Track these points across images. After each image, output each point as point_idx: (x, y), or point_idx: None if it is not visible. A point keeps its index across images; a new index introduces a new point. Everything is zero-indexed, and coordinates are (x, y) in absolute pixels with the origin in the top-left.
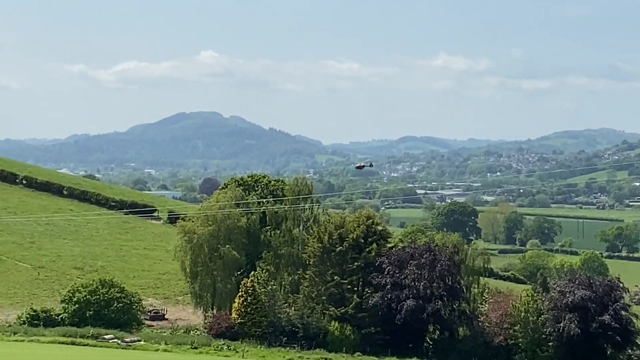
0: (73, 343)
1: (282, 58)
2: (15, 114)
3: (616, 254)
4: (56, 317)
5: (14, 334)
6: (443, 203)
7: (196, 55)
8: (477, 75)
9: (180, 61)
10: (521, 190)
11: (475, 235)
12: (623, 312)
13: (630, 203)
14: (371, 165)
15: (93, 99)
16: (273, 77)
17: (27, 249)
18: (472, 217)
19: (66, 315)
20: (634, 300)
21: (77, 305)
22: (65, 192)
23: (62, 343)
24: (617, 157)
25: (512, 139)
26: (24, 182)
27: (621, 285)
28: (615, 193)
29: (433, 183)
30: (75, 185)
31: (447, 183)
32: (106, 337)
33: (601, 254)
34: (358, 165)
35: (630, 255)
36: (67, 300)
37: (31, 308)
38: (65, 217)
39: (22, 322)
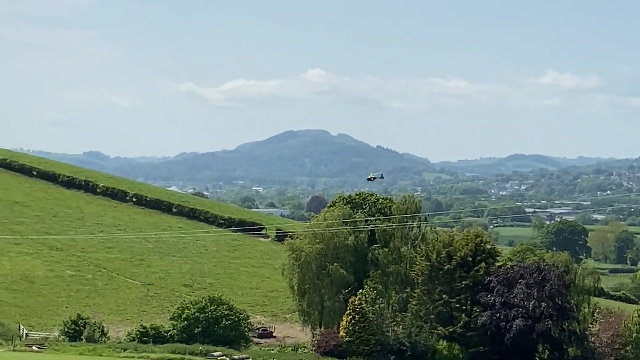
0: None
1: (388, 76)
2: (125, 132)
3: None
4: (165, 334)
5: (124, 350)
6: (552, 222)
7: (303, 74)
8: (586, 92)
9: (288, 79)
10: (632, 209)
11: (585, 255)
12: None
13: None
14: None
15: (201, 117)
16: (380, 94)
17: (137, 266)
18: (582, 236)
19: (175, 332)
20: None
21: (186, 322)
22: (174, 210)
23: None
24: None
25: (622, 157)
26: (134, 199)
27: None
28: None
29: (542, 201)
30: (184, 202)
31: (556, 201)
32: (215, 354)
33: None
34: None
35: None
36: (176, 317)
37: (141, 325)
38: (174, 235)
39: (132, 338)
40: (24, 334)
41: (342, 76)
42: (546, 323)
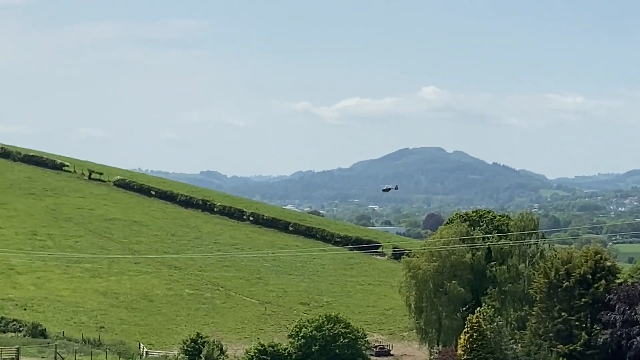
0: None
1: (504, 92)
2: (241, 152)
3: None
4: (283, 352)
5: None
6: None
7: (417, 91)
8: None
9: (402, 97)
10: None
11: None
12: None
13: None
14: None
15: (316, 136)
16: (495, 111)
17: (254, 284)
18: None
19: (293, 349)
20: None
21: (303, 340)
22: (291, 228)
23: None
24: None
25: None
26: (251, 218)
27: None
28: None
29: None
30: (301, 221)
31: None
32: None
33: None
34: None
35: None
36: (293, 335)
37: (259, 343)
38: (291, 254)
39: (250, 356)
40: (144, 353)
41: (457, 93)
42: None
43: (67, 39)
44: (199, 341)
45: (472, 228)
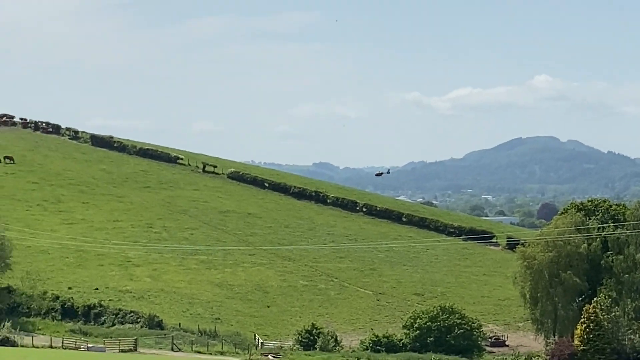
0: None
1: (620, 80)
2: (353, 143)
3: None
4: (398, 343)
5: (358, 359)
6: None
7: (530, 80)
8: None
9: (514, 86)
10: None
11: None
12: None
13: None
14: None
15: (428, 126)
16: (610, 99)
17: (368, 275)
18: None
19: (407, 340)
20: None
21: (418, 332)
22: (404, 219)
23: None
24: None
25: None
26: (364, 209)
27: None
28: None
29: None
30: (414, 212)
31: None
32: None
33: None
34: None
35: None
36: (408, 326)
37: (373, 334)
38: (404, 244)
39: (365, 347)
40: (259, 344)
41: (571, 82)
42: None
43: (181, 35)
44: (313, 332)
45: (588, 218)
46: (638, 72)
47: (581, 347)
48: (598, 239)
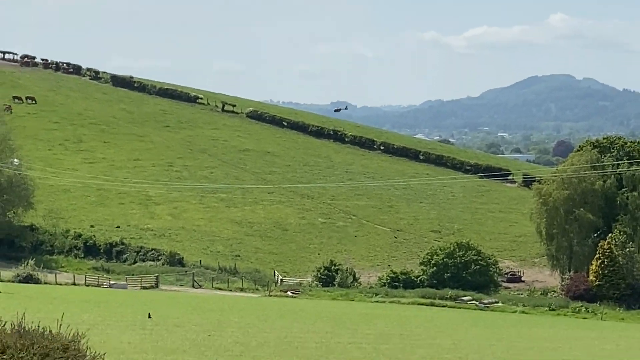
0: (432, 304)
1: (635, 17)
2: (370, 82)
3: None
4: (415, 279)
5: (375, 295)
6: None
7: (546, 19)
8: None
9: (530, 25)
10: None
11: None
12: None
13: None
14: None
15: (445, 65)
16: (626, 37)
17: (385, 212)
18: None
19: (425, 277)
20: None
21: (435, 268)
22: (421, 157)
23: (422, 304)
24: None
25: None
26: (382, 147)
27: None
28: None
29: None
30: (431, 149)
31: None
32: (464, 298)
33: None
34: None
35: None
36: (425, 263)
37: (391, 270)
38: (421, 182)
39: (382, 283)
40: (279, 280)
41: (586, 20)
42: None
43: None
44: (332, 269)
45: (603, 155)
46: None
47: (596, 283)
48: (613, 176)
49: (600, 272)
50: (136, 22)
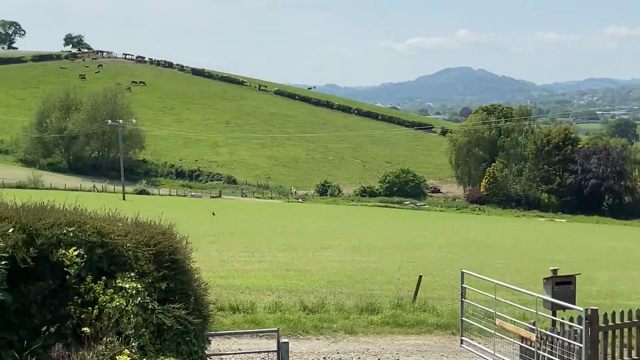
0: (386, 206)
1: (512, 32)
2: (348, 71)
3: None
4: (376, 191)
5: (352, 201)
6: (613, 119)
7: (454, 33)
8: None
9: (445, 36)
10: None
11: (635, 140)
12: None
13: None
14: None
15: (394, 61)
16: (505, 43)
17: (358, 151)
18: (633, 128)
19: (382, 190)
20: None
21: (388, 184)
22: (379, 118)
23: (380, 206)
24: None
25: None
26: (356, 112)
27: None
28: None
29: (607, 107)
30: (386, 113)
31: (616, 107)
32: (406, 203)
33: None
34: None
35: None
36: (382, 181)
37: (361, 186)
38: (380, 133)
39: (356, 194)
40: (294, 192)
41: (480, 33)
42: (610, 182)
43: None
44: (325, 185)
45: (489, 115)
46: (521, 26)
47: (485, 193)
48: (495, 128)
49: (488, 186)
50: (206, 30)
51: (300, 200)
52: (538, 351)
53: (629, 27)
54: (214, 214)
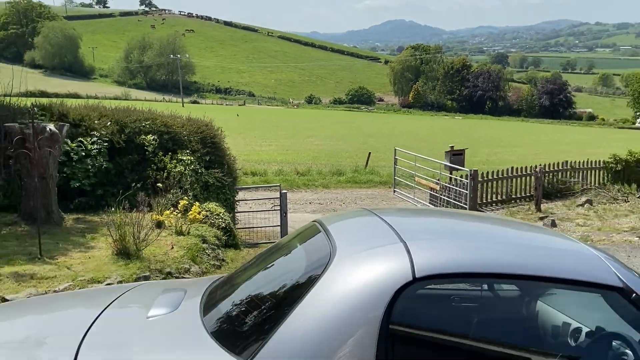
0: (350, 110)
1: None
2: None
3: None
4: (343, 101)
5: (328, 107)
6: (494, 53)
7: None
8: None
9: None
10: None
11: (508, 66)
12: None
13: None
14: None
15: (363, 18)
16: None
17: (331, 75)
18: (506, 59)
19: (347, 100)
20: None
21: (351, 96)
22: (346, 54)
23: (345, 111)
24: None
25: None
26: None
27: None
28: None
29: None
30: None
31: (497, 45)
32: (362, 108)
33: None
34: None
35: None
36: (347, 94)
37: (334, 97)
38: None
39: (330, 103)
40: (291, 101)
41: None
42: (490, 92)
43: None
44: (311, 97)
45: (415, 51)
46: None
47: (411, 101)
48: (419, 59)
49: (413, 97)
50: None
51: (295, 107)
52: (441, 196)
53: None
54: (237, 115)
